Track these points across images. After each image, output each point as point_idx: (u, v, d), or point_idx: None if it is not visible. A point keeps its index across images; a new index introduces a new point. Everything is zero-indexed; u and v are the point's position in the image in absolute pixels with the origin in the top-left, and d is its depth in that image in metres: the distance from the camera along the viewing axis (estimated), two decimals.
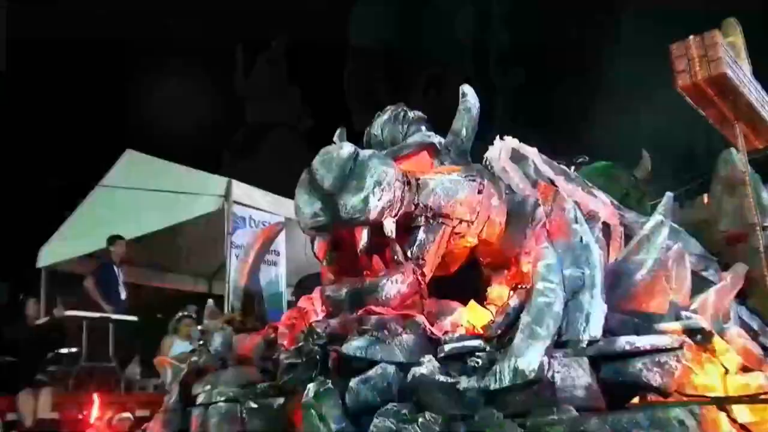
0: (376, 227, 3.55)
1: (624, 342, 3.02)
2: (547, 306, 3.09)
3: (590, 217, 3.97)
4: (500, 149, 4.62)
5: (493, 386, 2.93)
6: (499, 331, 3.23)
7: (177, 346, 7.51)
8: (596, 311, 3.13)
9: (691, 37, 4.57)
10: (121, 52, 17.49)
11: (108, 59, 17.19)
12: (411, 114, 4.38)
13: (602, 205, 4.78)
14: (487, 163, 4.53)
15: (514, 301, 3.29)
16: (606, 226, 4.43)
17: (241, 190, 8.06)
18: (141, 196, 8.27)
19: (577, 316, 3.12)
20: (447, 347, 3.19)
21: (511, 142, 4.74)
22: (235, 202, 7.90)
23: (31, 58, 16.12)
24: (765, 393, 3.50)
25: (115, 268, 8.38)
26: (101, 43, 16.75)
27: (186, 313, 8.17)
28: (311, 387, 3.15)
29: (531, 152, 4.77)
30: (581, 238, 3.37)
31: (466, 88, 4.29)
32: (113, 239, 8.31)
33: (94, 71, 17.16)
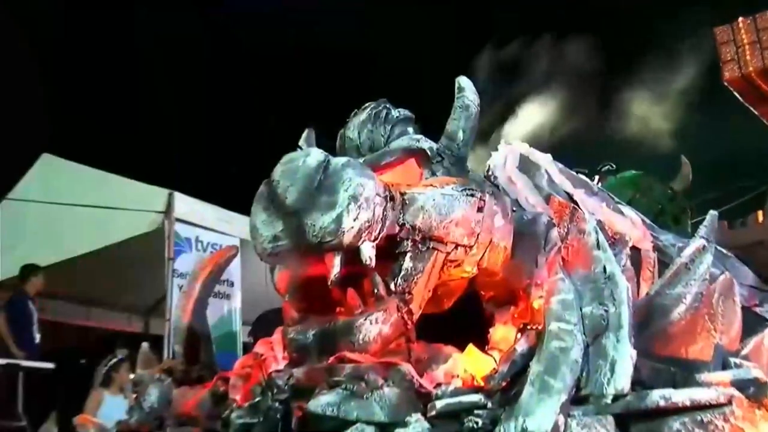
0: (352, 253, 3.52)
1: (658, 396, 3.01)
2: (563, 352, 3.07)
3: (616, 241, 3.97)
4: (505, 156, 4.63)
5: None
6: (504, 383, 3.20)
7: (109, 402, 7.43)
8: (623, 358, 3.12)
9: (741, 19, 4.61)
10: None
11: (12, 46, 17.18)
12: (395, 113, 4.37)
13: (631, 224, 4.79)
14: (490, 173, 4.53)
15: (521, 346, 3.28)
16: (636, 252, 4.43)
17: (185, 204, 8.05)
18: (60, 212, 8.23)
19: (599, 364, 3.11)
20: (439, 403, 3.16)
21: (519, 146, 4.75)
22: (178, 219, 7.88)
23: None
24: None
25: (30, 304, 8.31)
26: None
27: (118, 358, 8.09)
28: None
29: (544, 159, 4.79)
30: (605, 267, 3.37)
31: (463, 81, 4.28)
32: (29, 271, 8.26)
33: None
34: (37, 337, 8.21)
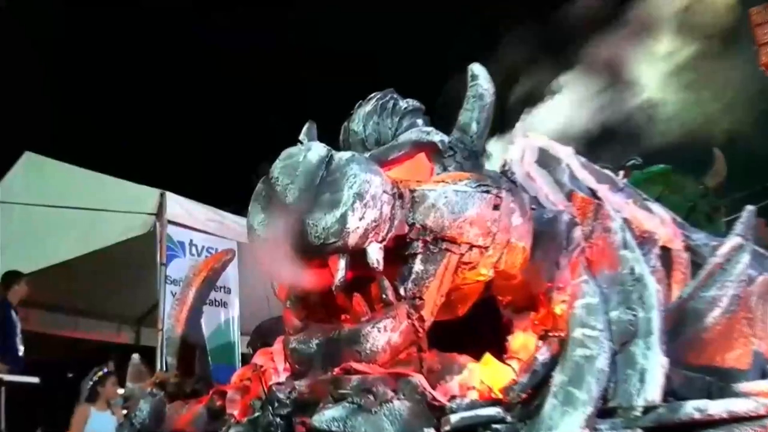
0: (358, 256, 3.51)
1: (692, 408, 2.98)
2: (588, 361, 3.06)
3: (645, 240, 3.95)
4: (523, 149, 4.61)
5: None
6: (524, 395, 3.19)
7: (96, 418, 7.43)
8: (654, 367, 3.10)
9: None
10: None
11: None
12: (403, 103, 4.36)
13: (661, 223, 4.76)
14: (507, 168, 4.51)
15: (543, 355, 3.26)
16: (666, 252, 4.41)
17: (178, 205, 8.04)
18: (44, 214, 8.23)
19: (628, 374, 3.09)
20: (454, 417, 3.14)
21: (538, 139, 4.73)
22: (170, 221, 7.88)
23: None
24: None
25: (12, 313, 8.32)
26: None
27: (104, 371, 8.09)
28: None
29: (565, 153, 4.77)
30: (632, 268, 3.36)
31: (477, 69, 4.26)
32: (11, 278, 8.27)
33: None
34: (21, 349, 8.21)
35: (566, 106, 5.35)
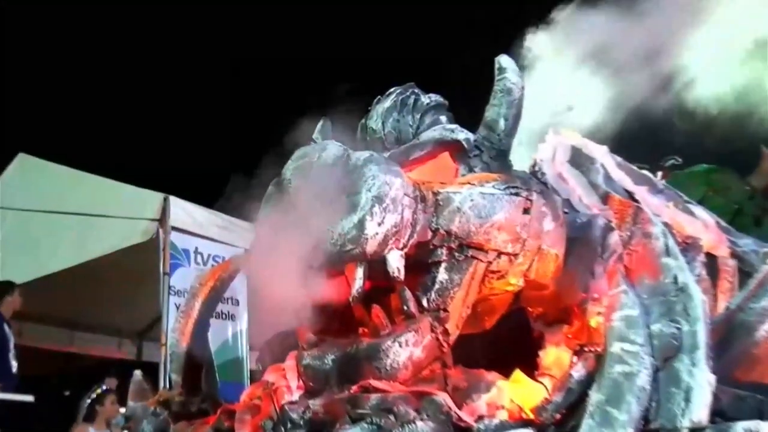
0: (377, 264, 3.50)
1: (742, 429, 2.96)
2: (628, 378, 3.04)
3: (688, 246, 3.92)
4: (554, 148, 4.59)
5: None
6: (558, 416, 3.19)
7: None
8: (700, 385, 3.08)
9: None
10: None
11: None
12: (425, 98, 4.36)
13: (704, 227, 4.73)
14: (537, 168, 4.48)
15: (578, 371, 3.25)
16: (711, 259, 4.38)
17: (182, 210, 8.06)
18: (39, 220, 8.26)
19: (672, 392, 3.07)
20: None
21: (569, 137, 4.70)
22: (174, 228, 7.89)
23: None
24: None
25: (5, 327, 8.35)
26: None
27: (104, 389, 8.12)
28: None
29: (599, 152, 4.74)
30: (675, 277, 3.34)
31: (504, 61, 4.25)
32: (3, 289, 8.30)
33: None
34: (14, 365, 8.24)
35: (598, 98, 5.32)
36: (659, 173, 6.99)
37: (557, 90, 5.16)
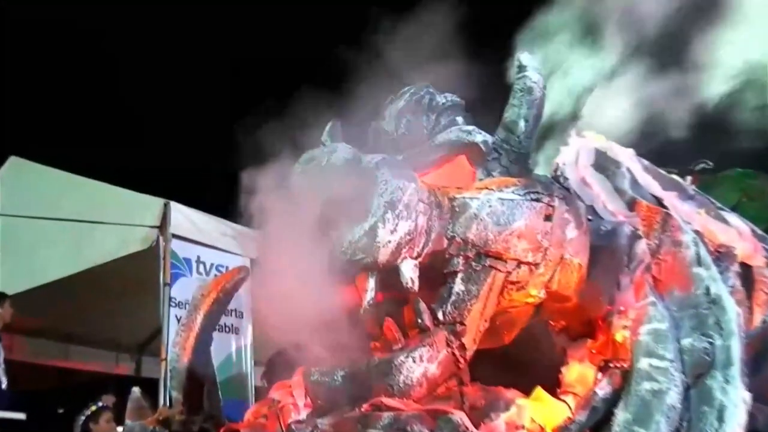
0: (389, 274, 3.50)
1: None
2: (656, 396, 3.04)
3: (721, 255, 3.90)
4: (577, 151, 4.58)
5: None
6: None
7: None
8: (734, 403, 3.08)
9: None
10: None
11: None
12: (440, 98, 4.36)
13: (738, 235, 4.71)
14: (559, 172, 4.48)
15: (603, 389, 3.25)
16: (746, 269, 4.36)
17: (184, 217, 8.06)
18: (32, 227, 8.28)
19: (704, 411, 3.07)
20: None
21: (594, 140, 4.69)
22: (175, 236, 7.89)
23: None
24: None
25: None
26: None
27: (99, 406, 8.12)
28: None
29: (626, 155, 4.73)
30: (708, 288, 3.33)
31: (525, 59, 4.24)
32: None
33: None
34: (4, 381, 8.27)
35: (624, 97, 5.32)
36: (689, 178, 6.98)
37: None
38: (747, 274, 4.36)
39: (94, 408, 8.07)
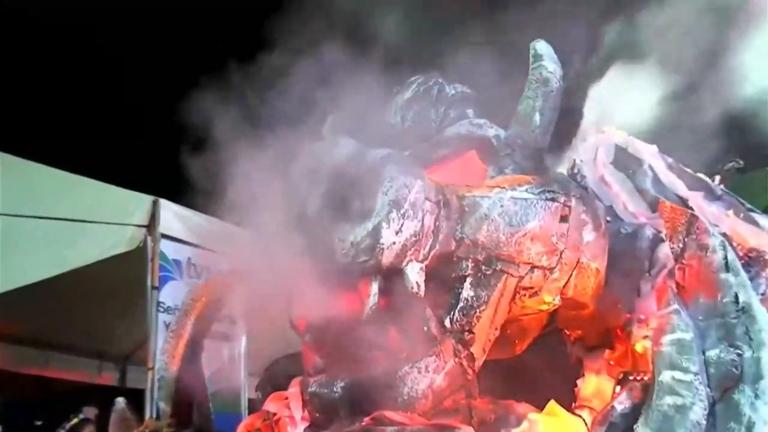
0: (393, 277, 3.50)
1: None
2: (679, 411, 3.04)
3: (751, 260, 3.90)
4: (596, 147, 4.58)
5: None
6: None
7: None
8: (764, 419, 3.08)
9: None
10: None
11: None
12: (450, 89, 4.36)
13: None
14: (576, 170, 4.48)
15: (622, 403, 3.26)
16: None
17: (174, 215, 8.05)
18: (10, 226, 8.28)
19: (731, 427, 3.08)
20: None
21: (614, 135, 4.69)
22: (165, 236, 7.88)
23: None
24: None
25: None
26: None
27: (80, 418, 8.14)
28: None
29: (648, 152, 4.72)
30: (736, 295, 3.33)
31: (541, 47, 4.25)
32: None
33: None
34: None
35: (648, 92, 5.31)
36: (717, 177, 6.97)
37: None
38: None
39: (75, 420, 8.10)
